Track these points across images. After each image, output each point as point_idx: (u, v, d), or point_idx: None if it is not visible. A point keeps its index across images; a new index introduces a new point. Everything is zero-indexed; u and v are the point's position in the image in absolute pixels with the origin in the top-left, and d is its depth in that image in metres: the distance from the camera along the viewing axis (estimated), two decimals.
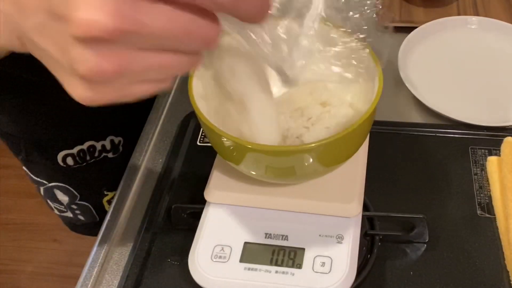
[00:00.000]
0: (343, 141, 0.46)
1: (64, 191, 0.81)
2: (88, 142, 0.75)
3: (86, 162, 0.77)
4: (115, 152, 0.79)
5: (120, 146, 0.80)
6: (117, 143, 0.79)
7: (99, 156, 0.77)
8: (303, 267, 0.49)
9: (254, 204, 0.53)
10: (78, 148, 0.75)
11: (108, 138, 0.77)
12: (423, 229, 0.56)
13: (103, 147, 0.77)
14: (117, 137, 0.79)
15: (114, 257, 0.60)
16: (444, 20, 0.82)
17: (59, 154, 0.74)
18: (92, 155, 0.77)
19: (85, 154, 0.76)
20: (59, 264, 1.60)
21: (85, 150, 0.76)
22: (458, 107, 0.71)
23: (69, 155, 0.75)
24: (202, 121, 0.48)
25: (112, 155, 0.79)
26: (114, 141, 0.78)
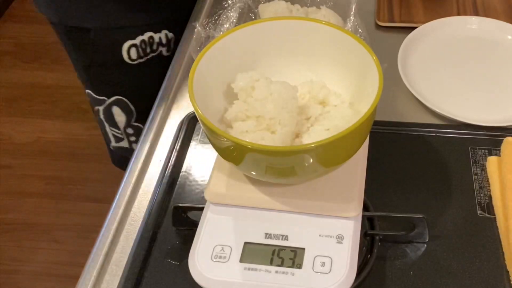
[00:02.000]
0: (343, 142, 0.46)
1: (122, 107, 0.91)
2: (148, 33, 0.85)
3: (146, 55, 0.86)
4: (168, 50, 0.89)
5: (172, 43, 0.89)
6: (170, 39, 0.88)
7: (157, 49, 0.87)
8: (303, 267, 0.49)
9: (254, 204, 0.53)
10: (140, 38, 0.84)
11: (163, 31, 0.87)
12: (423, 229, 0.56)
13: (160, 39, 0.87)
14: (170, 33, 0.88)
15: (114, 257, 0.60)
16: (444, 20, 0.82)
17: (124, 44, 0.84)
18: (151, 47, 0.86)
19: (146, 45, 0.85)
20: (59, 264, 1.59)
21: (146, 40, 0.85)
22: (458, 107, 0.71)
23: (133, 45, 0.84)
24: (202, 121, 0.48)
25: (166, 53, 0.88)
26: (168, 36, 0.88)
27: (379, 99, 0.48)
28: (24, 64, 2.16)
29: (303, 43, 0.57)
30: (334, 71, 0.56)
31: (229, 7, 0.79)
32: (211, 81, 0.53)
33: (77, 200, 1.72)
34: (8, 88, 2.09)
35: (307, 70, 0.58)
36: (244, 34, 0.55)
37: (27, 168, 1.82)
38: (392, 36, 0.83)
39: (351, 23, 0.77)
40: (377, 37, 0.83)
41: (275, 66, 0.57)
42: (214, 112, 0.53)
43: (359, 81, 0.54)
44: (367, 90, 0.51)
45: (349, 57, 0.54)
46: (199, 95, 0.49)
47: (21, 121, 1.97)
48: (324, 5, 0.79)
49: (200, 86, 0.51)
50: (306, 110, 0.54)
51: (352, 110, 0.54)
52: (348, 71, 0.55)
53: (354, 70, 0.54)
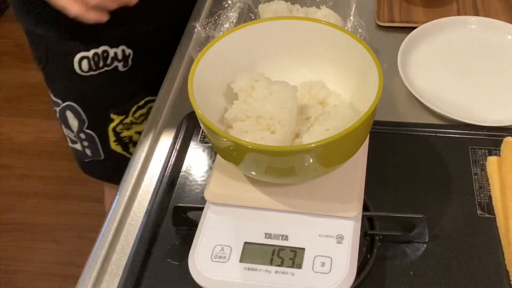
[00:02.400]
0: (343, 142, 0.46)
1: (75, 113, 0.88)
2: (103, 46, 0.81)
3: (98, 69, 0.83)
4: (125, 65, 0.85)
5: (130, 59, 0.85)
6: (127, 55, 0.84)
7: (111, 64, 0.83)
8: (303, 267, 0.49)
9: (254, 204, 0.53)
10: (93, 51, 0.81)
11: (120, 47, 0.83)
12: (423, 229, 0.56)
13: (115, 54, 0.83)
14: (129, 49, 0.84)
15: (114, 257, 0.60)
16: (444, 20, 0.82)
17: (76, 56, 0.81)
18: (105, 61, 0.82)
19: (99, 59, 0.82)
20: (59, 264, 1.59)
21: (100, 54, 0.82)
22: (458, 107, 0.71)
23: (84, 57, 0.81)
24: (202, 121, 0.48)
25: (123, 68, 0.85)
26: (125, 52, 0.84)
27: (379, 99, 0.48)
28: (24, 64, 2.16)
29: (303, 43, 0.57)
30: (334, 71, 0.56)
31: (229, 7, 0.79)
32: (211, 81, 0.53)
33: (77, 200, 1.72)
34: (8, 88, 2.09)
35: (307, 70, 0.58)
36: (244, 34, 0.55)
37: (27, 168, 1.82)
38: (392, 36, 0.83)
39: (351, 23, 0.77)
40: (377, 37, 0.83)
41: (275, 66, 0.57)
42: (214, 112, 0.53)
43: (359, 81, 0.54)
44: (367, 90, 0.51)
45: (349, 57, 0.54)
46: (199, 95, 0.49)
47: (21, 121, 1.97)
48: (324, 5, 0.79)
49: (200, 86, 0.51)
50: (306, 110, 0.54)
51: (352, 110, 0.54)
52: (348, 71, 0.55)
53: (354, 70, 0.54)
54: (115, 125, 0.89)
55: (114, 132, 0.90)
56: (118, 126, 0.89)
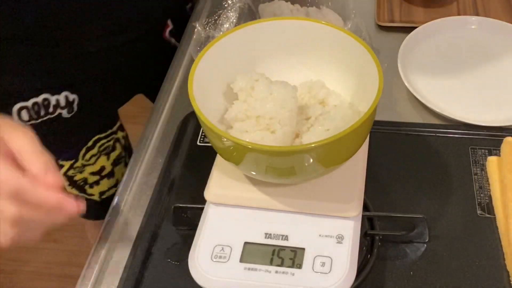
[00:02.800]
0: (343, 142, 0.46)
1: None
2: (43, 95, 0.75)
3: (40, 117, 0.76)
4: (70, 111, 0.79)
5: (75, 105, 0.79)
6: (71, 101, 0.78)
7: (54, 112, 0.77)
8: (303, 267, 0.49)
9: (254, 204, 0.53)
10: (33, 100, 0.75)
11: (63, 93, 0.77)
12: (423, 229, 0.56)
13: (58, 102, 0.77)
14: (72, 94, 0.78)
15: (114, 257, 0.60)
16: (444, 20, 0.82)
17: (14, 106, 0.74)
18: (46, 110, 0.76)
19: (40, 108, 0.76)
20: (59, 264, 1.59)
21: (40, 103, 0.75)
22: (458, 107, 0.71)
23: (24, 107, 0.75)
24: (202, 121, 0.48)
25: (67, 114, 0.78)
26: (68, 98, 0.77)
27: (379, 99, 0.48)
28: None
29: (303, 43, 0.57)
30: (334, 71, 0.56)
31: (229, 7, 0.79)
32: (211, 81, 0.53)
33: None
34: None
35: (307, 70, 0.58)
36: (244, 34, 0.55)
37: None
38: (392, 36, 0.83)
39: (351, 23, 0.77)
40: (377, 37, 0.83)
41: (275, 66, 0.57)
42: (214, 112, 0.53)
43: (359, 81, 0.54)
44: (367, 90, 0.51)
45: (349, 57, 0.54)
46: (199, 95, 0.49)
47: None
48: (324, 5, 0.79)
49: (200, 86, 0.51)
50: (306, 110, 0.54)
51: (352, 110, 0.54)
52: (348, 71, 0.55)
53: (354, 70, 0.54)
54: (65, 170, 0.84)
55: (66, 176, 0.85)
56: (69, 170, 0.84)
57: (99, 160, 0.85)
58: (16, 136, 0.48)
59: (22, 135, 0.49)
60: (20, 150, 0.48)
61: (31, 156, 0.48)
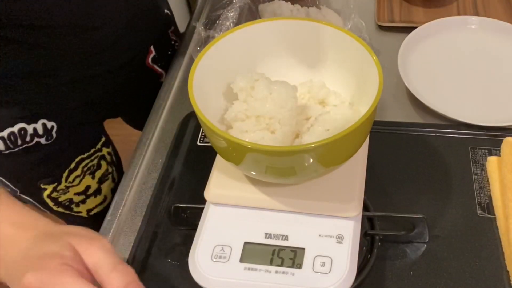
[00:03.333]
0: (343, 142, 0.46)
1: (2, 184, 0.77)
2: (19, 124, 0.71)
3: (17, 147, 0.72)
4: (48, 139, 0.74)
5: (54, 132, 0.75)
6: (50, 128, 0.74)
7: (32, 140, 0.73)
8: (303, 267, 0.49)
9: (254, 204, 0.53)
10: (8, 130, 0.71)
11: (40, 121, 0.73)
12: (423, 229, 0.56)
13: (35, 131, 0.72)
14: (50, 122, 0.74)
15: None
16: (444, 20, 0.82)
17: None
18: (23, 139, 0.72)
19: (16, 138, 0.71)
20: None
21: (16, 133, 0.71)
22: (458, 107, 0.71)
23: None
24: (202, 121, 0.48)
25: (46, 142, 0.74)
26: (46, 125, 0.74)
27: (379, 99, 0.48)
28: None
29: (303, 43, 0.57)
30: (334, 71, 0.56)
31: (229, 7, 0.79)
32: (211, 81, 0.53)
33: None
34: None
35: (307, 70, 0.58)
36: (244, 34, 0.55)
37: None
38: (392, 36, 0.83)
39: (351, 23, 0.77)
40: (377, 37, 0.83)
41: (275, 66, 0.57)
42: (214, 112, 0.53)
43: (359, 81, 0.54)
44: (367, 90, 0.51)
45: (349, 57, 0.54)
46: (199, 95, 0.49)
47: None
48: (324, 5, 0.79)
49: (200, 86, 0.51)
50: (306, 110, 0.54)
51: (352, 110, 0.54)
52: (348, 71, 0.55)
53: (354, 70, 0.54)
54: (49, 193, 0.80)
55: (50, 198, 0.81)
56: (52, 193, 0.80)
57: (83, 181, 0.82)
58: (92, 250, 0.44)
59: (98, 249, 0.44)
60: (97, 266, 0.43)
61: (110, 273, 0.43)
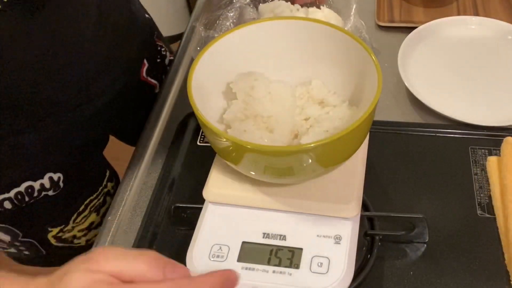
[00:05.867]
0: (342, 142, 0.46)
1: (5, 231, 0.75)
2: (25, 183, 0.68)
3: (25, 203, 0.70)
4: (56, 190, 0.72)
5: (61, 182, 0.72)
6: (56, 180, 0.71)
7: (39, 195, 0.71)
8: (300, 267, 0.49)
9: (253, 204, 0.53)
10: (15, 190, 0.68)
11: (46, 176, 0.70)
12: (423, 229, 0.56)
13: (42, 186, 0.70)
14: (56, 174, 0.71)
15: None
16: (444, 20, 0.82)
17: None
18: (31, 196, 0.70)
19: (23, 196, 0.69)
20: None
21: (23, 192, 0.68)
22: (458, 107, 0.70)
23: (6, 199, 0.68)
24: (200, 120, 0.48)
25: (54, 192, 0.72)
26: (53, 178, 0.71)
27: (379, 99, 0.48)
28: None
29: (302, 43, 0.57)
30: (334, 71, 0.56)
31: (229, 7, 0.79)
32: (210, 81, 0.53)
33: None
34: None
35: (307, 70, 0.58)
36: (244, 34, 0.55)
37: None
38: (392, 36, 0.83)
39: (351, 23, 0.77)
40: (377, 37, 0.83)
41: (274, 66, 0.57)
42: (213, 112, 0.53)
43: (358, 81, 0.54)
44: (366, 90, 0.51)
45: (348, 57, 0.54)
46: (199, 95, 0.49)
47: None
48: (324, 5, 0.79)
49: (199, 86, 0.51)
50: (305, 111, 0.54)
51: (351, 110, 0.53)
52: (347, 71, 0.55)
53: (354, 70, 0.54)
54: (55, 234, 0.78)
55: (55, 237, 0.79)
56: (58, 233, 0.78)
57: (89, 219, 0.81)
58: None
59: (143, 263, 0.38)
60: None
61: None
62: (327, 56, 0.56)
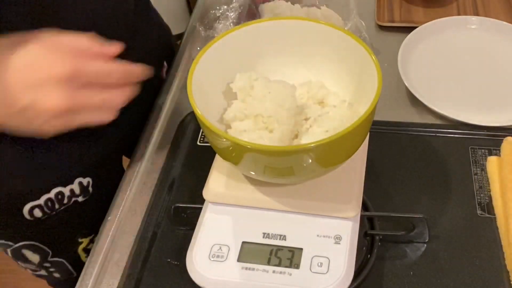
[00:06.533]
0: (342, 142, 0.46)
1: (33, 250, 0.75)
2: (55, 188, 0.68)
3: (55, 210, 0.70)
4: (85, 195, 0.72)
5: (90, 187, 0.73)
6: (86, 185, 0.72)
7: (69, 202, 0.71)
8: (300, 267, 0.49)
9: (253, 204, 0.53)
10: (45, 197, 0.68)
11: (76, 181, 0.70)
12: (423, 229, 0.56)
13: (72, 191, 0.70)
14: (85, 178, 0.72)
15: (114, 257, 0.60)
16: (444, 20, 0.82)
17: (24, 207, 0.67)
18: (61, 203, 0.70)
19: (53, 203, 0.69)
20: None
21: (53, 198, 0.69)
22: (458, 107, 0.70)
23: (36, 206, 0.68)
24: (200, 120, 0.48)
25: (83, 198, 0.72)
26: (82, 183, 0.71)
27: (378, 99, 0.48)
28: None
29: (302, 43, 0.57)
30: (334, 71, 0.56)
31: (229, 7, 0.79)
32: (210, 81, 0.53)
33: None
34: None
35: (306, 70, 0.58)
36: (244, 34, 0.55)
37: None
38: (392, 36, 0.83)
39: (351, 23, 0.77)
40: (377, 37, 0.83)
41: (274, 66, 0.57)
42: (213, 111, 0.53)
43: (358, 81, 0.54)
44: (366, 90, 0.51)
45: (348, 57, 0.54)
46: (199, 95, 0.49)
47: None
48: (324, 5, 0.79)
49: (199, 85, 0.51)
50: (305, 111, 0.54)
51: (351, 110, 0.53)
52: (347, 71, 0.55)
53: (354, 70, 0.54)
54: (85, 246, 0.78)
55: (85, 250, 0.79)
56: (88, 245, 0.78)
57: None
58: None
59: None
60: None
61: None
62: (327, 56, 0.56)
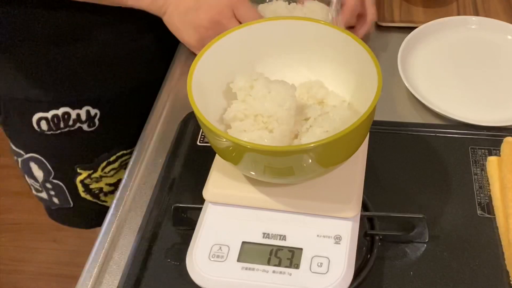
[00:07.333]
0: (342, 142, 0.46)
1: (39, 164, 0.81)
2: (63, 108, 0.74)
3: (59, 129, 0.76)
4: (90, 125, 0.77)
5: (96, 119, 0.77)
6: (93, 115, 0.76)
7: (74, 125, 0.76)
8: (300, 267, 0.49)
9: (253, 203, 0.53)
10: (52, 112, 0.74)
11: (84, 108, 0.75)
12: (423, 229, 0.56)
13: (78, 116, 0.75)
14: (94, 109, 0.76)
15: (114, 257, 0.60)
16: (444, 20, 0.82)
17: (34, 116, 0.74)
18: (66, 123, 0.75)
19: (59, 120, 0.75)
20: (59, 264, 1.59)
21: (60, 116, 0.74)
22: (458, 107, 0.70)
23: (43, 118, 0.74)
24: (201, 121, 0.48)
25: (88, 128, 0.77)
26: (90, 113, 0.76)
27: (379, 99, 0.48)
28: None
29: (302, 43, 0.57)
30: (333, 71, 0.56)
31: None
32: (210, 81, 0.53)
33: None
34: None
35: (306, 70, 0.58)
36: (244, 34, 0.55)
37: None
38: (392, 36, 0.83)
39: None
40: (377, 37, 0.83)
41: (274, 66, 0.57)
42: (213, 111, 0.53)
43: (358, 81, 0.54)
44: (366, 90, 0.51)
45: (348, 57, 0.54)
46: (199, 95, 0.49)
47: None
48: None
49: (199, 85, 0.51)
50: (305, 111, 0.54)
51: (351, 110, 0.53)
52: (347, 71, 0.55)
53: (354, 70, 0.54)
54: (82, 178, 0.83)
55: (82, 184, 0.84)
56: (86, 179, 0.83)
57: (118, 174, 0.84)
58: None
59: None
60: None
61: None
62: (327, 56, 0.56)
